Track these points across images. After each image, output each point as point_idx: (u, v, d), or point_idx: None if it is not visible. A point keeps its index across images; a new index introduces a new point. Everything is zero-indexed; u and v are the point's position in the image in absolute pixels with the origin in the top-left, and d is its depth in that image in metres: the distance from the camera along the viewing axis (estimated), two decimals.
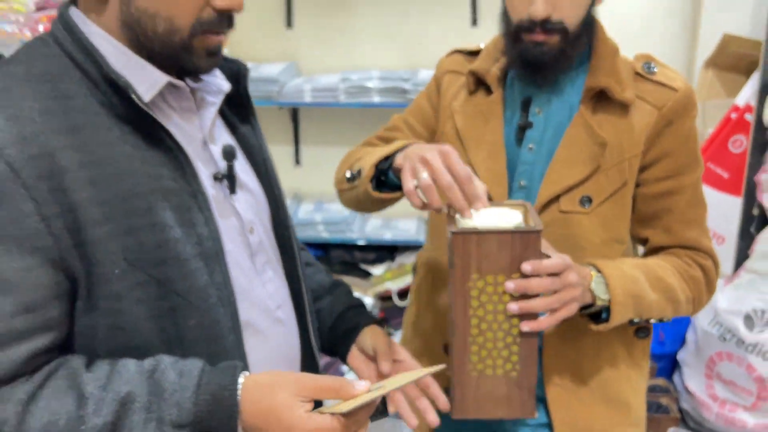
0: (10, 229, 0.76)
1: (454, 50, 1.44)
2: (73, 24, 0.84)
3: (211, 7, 0.84)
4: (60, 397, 0.78)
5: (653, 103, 1.24)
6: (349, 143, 3.16)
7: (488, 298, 1.02)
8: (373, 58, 3.20)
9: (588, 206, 1.24)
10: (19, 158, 0.76)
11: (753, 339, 2.47)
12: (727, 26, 2.93)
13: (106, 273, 0.81)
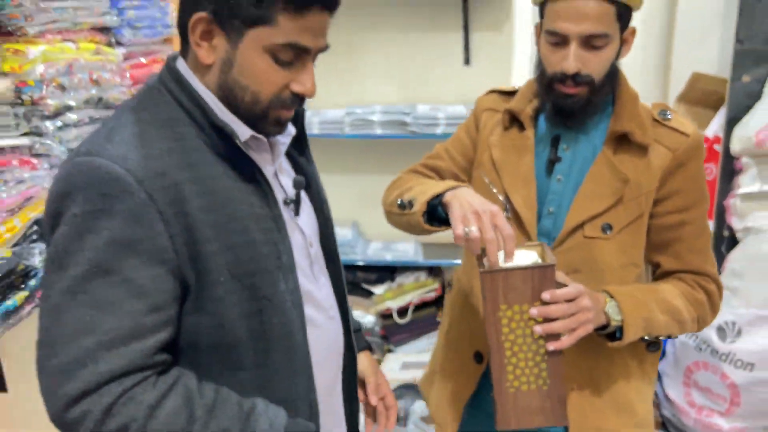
0: (147, 245, 0.89)
1: (491, 90, 1.56)
2: (183, 78, 0.98)
3: (289, 89, 0.98)
4: (177, 412, 0.90)
5: (668, 146, 1.36)
6: (353, 171, 3.38)
7: (516, 324, 1.15)
8: (376, 94, 3.31)
9: (609, 233, 1.35)
10: (154, 189, 0.89)
11: (726, 349, 2.59)
12: (696, 65, 3.09)
13: (213, 281, 0.95)
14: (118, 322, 0.87)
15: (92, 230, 0.87)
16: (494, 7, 3.20)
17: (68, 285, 0.87)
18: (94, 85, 1.25)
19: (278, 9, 0.90)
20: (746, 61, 2.75)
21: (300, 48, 0.94)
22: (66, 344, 0.86)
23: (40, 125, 1.10)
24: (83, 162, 0.88)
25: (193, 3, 0.93)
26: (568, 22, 1.25)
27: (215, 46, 0.94)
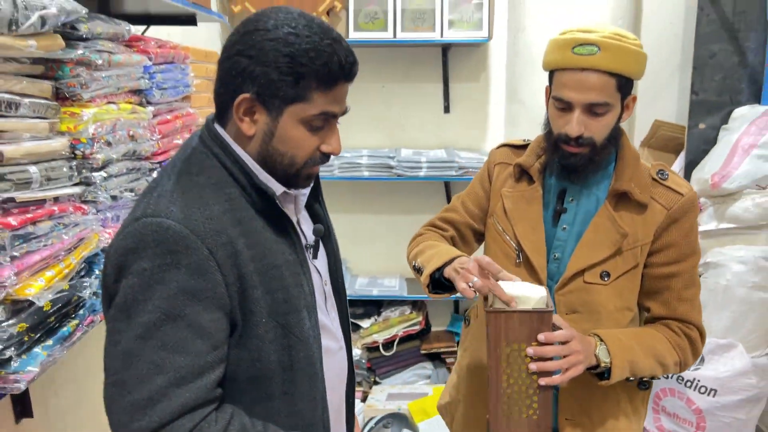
0: (209, 293, 0.99)
1: (502, 144, 1.67)
2: (227, 145, 1.08)
3: (319, 150, 1.10)
4: None
5: (663, 203, 1.45)
6: (342, 211, 3.55)
7: (514, 360, 1.26)
8: (363, 139, 3.48)
9: (607, 280, 1.45)
10: (214, 246, 1.00)
11: (690, 375, 2.74)
12: (658, 114, 3.33)
13: (256, 321, 1.05)
14: (186, 361, 0.97)
15: (161, 282, 0.96)
16: (471, 60, 3.43)
17: (140, 331, 0.96)
18: (131, 140, 1.41)
19: (312, 88, 1.03)
20: (701, 111, 2.99)
21: (330, 115, 1.08)
22: (140, 383, 0.95)
23: (89, 176, 1.26)
24: (152, 222, 0.98)
25: (238, 85, 1.03)
26: (573, 92, 1.36)
27: (256, 120, 1.06)
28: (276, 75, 1.02)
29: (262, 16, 1.05)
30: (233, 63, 1.04)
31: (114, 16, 1.47)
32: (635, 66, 1.39)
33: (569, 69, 1.37)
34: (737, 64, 2.97)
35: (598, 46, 1.34)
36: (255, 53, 1.02)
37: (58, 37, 1.17)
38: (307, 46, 1.01)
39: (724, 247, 2.78)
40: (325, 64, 1.02)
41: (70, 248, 1.19)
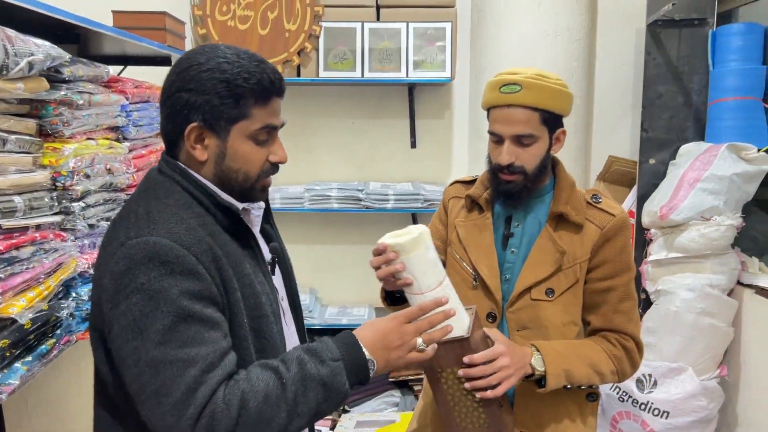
0: (206, 293, 1.08)
1: (454, 181, 1.81)
2: (187, 171, 1.17)
3: (268, 161, 1.20)
4: (263, 373, 1.09)
5: (597, 224, 1.58)
6: (312, 242, 3.66)
7: (453, 382, 1.38)
8: (333, 172, 3.59)
9: (552, 296, 1.57)
10: (198, 252, 1.08)
11: (644, 398, 2.86)
12: (612, 149, 3.50)
13: (240, 323, 1.14)
14: (209, 349, 1.05)
15: (161, 290, 1.04)
16: (436, 98, 3.60)
17: (158, 339, 1.03)
18: (108, 173, 1.53)
19: (251, 104, 1.14)
20: (651, 147, 3.18)
21: (271, 127, 1.18)
22: (174, 383, 1.02)
23: (68, 206, 1.36)
24: (138, 243, 1.06)
25: (184, 117, 1.13)
26: (502, 126, 1.53)
27: (207, 145, 1.15)
28: (217, 100, 1.12)
29: (193, 54, 1.16)
30: (176, 99, 1.14)
31: (93, 57, 1.60)
32: (556, 102, 1.54)
33: (498, 106, 1.54)
34: (682, 104, 3.17)
35: (521, 85, 1.51)
36: (194, 86, 1.12)
37: (43, 80, 1.29)
38: (239, 69, 1.13)
39: (673, 276, 2.92)
40: (259, 82, 1.14)
41: (50, 272, 1.29)
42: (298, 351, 1.14)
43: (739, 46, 2.94)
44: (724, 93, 2.97)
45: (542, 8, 3.15)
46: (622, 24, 3.53)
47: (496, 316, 1.61)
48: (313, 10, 3.29)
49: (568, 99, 1.58)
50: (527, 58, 3.23)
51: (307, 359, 1.12)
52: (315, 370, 1.10)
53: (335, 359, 1.12)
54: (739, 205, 2.86)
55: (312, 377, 1.10)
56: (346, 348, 1.14)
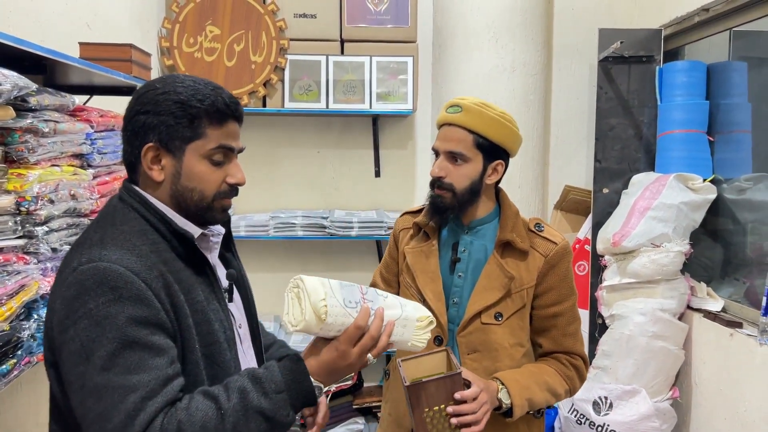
0: (153, 319, 1.09)
1: (404, 213, 1.88)
2: (145, 198, 1.19)
3: (225, 183, 1.23)
4: (203, 400, 1.10)
5: (541, 252, 1.68)
6: (277, 270, 3.69)
7: (437, 420, 1.42)
8: (298, 200, 3.65)
9: (500, 319, 1.64)
10: (149, 278, 1.10)
11: (601, 420, 2.93)
12: (568, 179, 3.63)
13: (191, 348, 1.16)
14: (151, 376, 1.06)
15: (108, 317, 1.05)
16: (400, 128, 3.70)
17: (102, 365, 1.04)
18: (72, 199, 1.56)
19: (205, 124, 1.18)
20: (604, 177, 3.32)
21: (227, 148, 1.21)
22: (115, 408, 1.03)
23: (32, 230, 1.40)
24: (88, 268, 1.08)
25: (141, 138, 1.17)
26: (440, 141, 1.65)
27: (163, 165, 1.18)
28: (172, 120, 1.17)
29: (151, 82, 1.23)
30: (134, 122, 1.19)
31: (60, 86, 1.65)
32: (491, 129, 1.62)
33: (442, 125, 1.68)
34: (633, 135, 3.32)
35: (462, 108, 1.63)
36: (150, 108, 1.17)
37: (9, 109, 1.34)
38: (194, 92, 1.18)
39: (627, 300, 3.02)
40: (213, 104, 1.19)
41: (12, 293, 1.32)
42: (243, 379, 1.15)
43: (683, 82, 3.11)
44: (672, 126, 3.13)
45: (499, 44, 3.29)
46: (575, 60, 3.68)
47: (443, 340, 1.68)
48: (279, 43, 3.38)
49: (508, 132, 1.65)
50: (486, 91, 3.35)
51: (250, 389, 1.13)
52: (257, 402, 1.12)
53: (279, 391, 1.14)
54: (687, 232, 2.99)
55: (254, 408, 1.12)
56: (293, 377, 1.16)
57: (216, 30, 3.36)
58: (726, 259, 3.12)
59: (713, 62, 3.14)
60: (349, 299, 1.21)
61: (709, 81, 3.11)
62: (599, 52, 3.28)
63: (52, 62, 1.65)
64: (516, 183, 3.43)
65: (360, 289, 1.27)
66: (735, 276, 3.02)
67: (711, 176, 3.04)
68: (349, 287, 1.25)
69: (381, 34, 3.45)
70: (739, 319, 2.73)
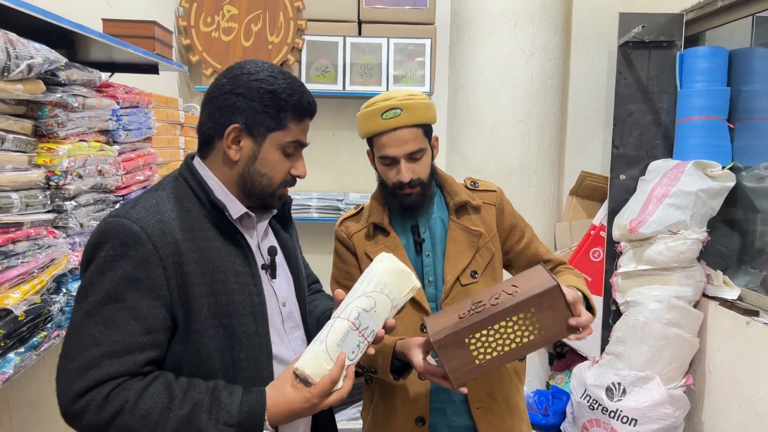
0: (147, 283, 1.13)
1: (342, 219, 1.85)
2: (195, 170, 1.26)
3: (290, 174, 1.30)
4: (159, 393, 1.12)
5: (489, 202, 1.79)
6: None
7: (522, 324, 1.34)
8: (313, 182, 3.64)
9: (476, 276, 1.72)
10: (159, 243, 1.15)
11: (614, 406, 2.94)
12: (584, 165, 3.62)
13: (196, 317, 1.18)
14: (119, 337, 1.11)
15: (111, 269, 1.12)
16: None
17: (87, 309, 1.12)
18: (99, 175, 1.57)
19: (289, 117, 1.26)
20: (622, 163, 3.29)
21: (300, 143, 1.29)
22: (78, 353, 1.10)
23: (61, 204, 1.41)
24: (112, 221, 1.16)
25: (228, 117, 1.24)
26: (394, 148, 1.62)
27: (242, 147, 1.25)
28: (261, 107, 1.24)
29: (244, 64, 1.28)
30: (224, 100, 1.24)
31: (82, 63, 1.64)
32: (429, 115, 1.68)
33: (384, 132, 1.63)
34: (652, 122, 3.29)
35: (401, 108, 1.62)
36: (243, 91, 1.24)
37: (40, 83, 1.34)
38: (285, 85, 1.25)
39: (642, 287, 3.02)
40: (299, 100, 1.26)
41: (43, 267, 1.33)
42: (206, 394, 1.15)
43: (705, 68, 3.08)
44: (691, 112, 3.10)
45: (518, 27, 3.26)
46: (594, 45, 3.65)
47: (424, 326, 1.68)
48: (296, 24, 3.36)
49: (434, 110, 1.72)
50: (503, 75, 3.33)
51: (205, 407, 1.14)
52: (204, 424, 1.12)
53: (229, 424, 1.14)
54: (704, 219, 2.97)
55: (197, 428, 1.12)
56: (248, 417, 1.15)
57: (233, 9, 3.34)
58: (743, 247, 3.11)
59: (735, 48, 3.10)
60: (352, 348, 1.22)
61: (731, 67, 3.08)
62: (619, 37, 3.25)
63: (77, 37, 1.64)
64: (531, 168, 3.43)
65: (352, 326, 1.23)
66: (752, 265, 3.00)
67: (730, 164, 3.01)
68: (345, 336, 1.22)
69: (399, 15, 3.43)
70: (755, 308, 2.72)
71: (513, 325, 1.34)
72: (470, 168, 3.40)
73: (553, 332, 1.36)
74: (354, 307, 1.25)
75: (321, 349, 1.20)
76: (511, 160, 3.39)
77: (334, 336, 1.21)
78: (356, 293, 1.28)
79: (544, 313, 1.34)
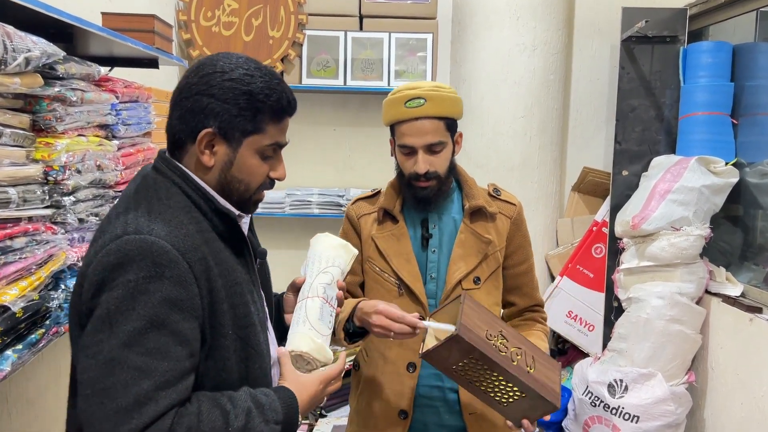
0: (188, 304, 1.06)
1: (357, 198, 1.86)
2: (188, 175, 1.16)
3: (268, 177, 1.22)
4: (213, 411, 1.08)
5: (506, 214, 1.77)
6: (293, 247, 3.68)
7: (475, 370, 1.41)
8: (314, 178, 3.63)
9: (479, 283, 1.71)
10: (193, 260, 1.08)
11: (615, 403, 2.93)
12: (586, 161, 3.59)
13: (223, 333, 1.13)
14: (170, 365, 1.02)
15: (145, 292, 1.02)
16: None
17: (124, 339, 1.00)
18: (98, 170, 1.55)
19: (266, 120, 1.17)
20: (624, 159, 3.27)
21: (279, 145, 1.22)
22: (124, 389, 0.99)
23: (59, 200, 1.39)
24: (136, 239, 1.04)
25: (200, 121, 1.14)
26: (413, 138, 1.62)
27: (216, 152, 1.15)
28: (236, 110, 1.14)
29: (217, 60, 1.18)
30: (195, 102, 1.14)
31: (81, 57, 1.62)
32: (455, 109, 1.67)
33: (406, 121, 1.63)
34: (654, 117, 3.27)
35: (425, 98, 1.61)
36: (216, 92, 1.13)
37: (38, 76, 1.32)
38: (262, 85, 1.16)
39: (644, 284, 3.00)
40: (278, 101, 1.18)
41: (41, 263, 1.31)
42: (249, 401, 1.13)
43: (708, 63, 3.06)
44: (694, 108, 3.08)
45: (521, 22, 3.24)
46: (597, 39, 3.63)
47: (423, 318, 1.66)
48: (297, 18, 3.34)
49: (461, 104, 1.71)
50: (505, 70, 3.31)
51: (255, 414, 1.12)
52: (259, 428, 1.11)
53: (277, 422, 1.14)
54: (707, 216, 2.96)
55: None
56: (287, 411, 1.16)
57: (234, 4, 3.32)
58: (746, 243, 3.10)
59: (739, 43, 3.08)
60: (328, 319, 1.34)
61: (735, 62, 3.06)
62: (622, 32, 3.23)
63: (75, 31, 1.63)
64: (533, 164, 3.41)
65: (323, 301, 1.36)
66: (755, 261, 2.99)
67: (734, 159, 3.00)
68: (321, 310, 1.34)
69: (401, 9, 3.41)
70: (758, 304, 2.70)
71: (503, 384, 1.43)
72: (472, 163, 3.37)
73: (514, 415, 1.49)
74: (318, 284, 1.37)
75: (307, 328, 1.29)
76: (513, 156, 3.37)
77: (313, 313, 1.31)
78: (314, 273, 1.40)
79: (526, 404, 1.45)
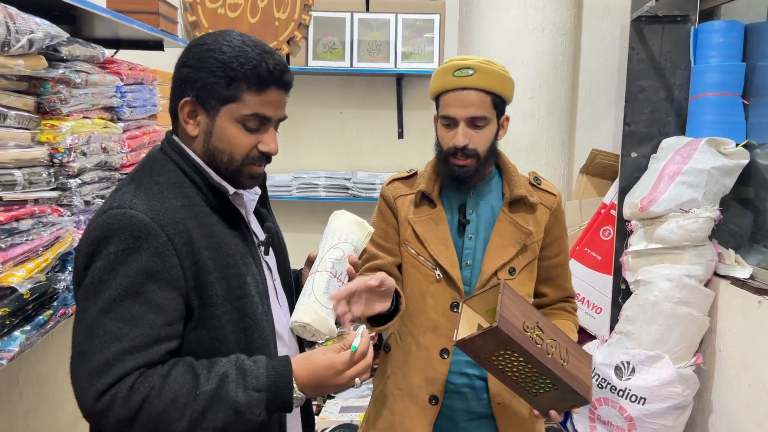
0: (165, 275, 1.10)
1: (393, 179, 1.80)
2: (184, 150, 1.21)
3: (257, 149, 1.21)
4: (183, 374, 1.10)
5: (546, 204, 1.72)
6: (299, 230, 3.68)
7: (507, 361, 1.40)
8: (321, 161, 3.64)
9: (514, 274, 1.67)
10: (173, 233, 1.11)
11: (622, 385, 2.93)
12: (595, 143, 3.57)
13: (212, 304, 1.16)
14: (140, 332, 1.08)
15: (124, 263, 1.08)
16: (424, 89, 3.61)
17: (101, 306, 1.07)
18: (103, 152, 1.55)
19: (243, 89, 1.17)
20: (633, 141, 3.24)
21: (262, 117, 1.19)
22: (98, 352, 1.06)
23: (65, 182, 1.40)
24: (118, 213, 1.10)
25: (180, 91, 1.19)
26: (457, 108, 1.57)
27: (199, 121, 1.19)
28: (211, 78, 1.16)
29: (206, 36, 1.22)
30: (178, 74, 1.20)
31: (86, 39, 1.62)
32: (504, 87, 1.62)
33: (451, 90, 1.59)
34: (664, 98, 3.24)
35: (474, 69, 1.57)
36: (194, 62, 1.18)
37: (42, 58, 1.32)
38: (238, 54, 1.16)
39: (652, 266, 2.99)
40: (254, 69, 1.16)
41: (48, 245, 1.32)
42: (229, 366, 1.14)
43: (720, 43, 3.01)
44: (705, 89, 3.04)
45: (529, 2, 3.20)
46: (606, 19, 3.58)
47: (459, 304, 1.66)
48: (303, 0, 3.32)
49: (512, 86, 1.66)
50: (514, 50, 3.28)
51: (231, 378, 1.12)
52: (233, 394, 1.11)
53: (258, 389, 1.13)
54: (717, 198, 2.93)
55: (227, 399, 1.11)
56: (276, 380, 1.14)
57: None
58: (755, 226, 3.07)
59: (751, 22, 3.03)
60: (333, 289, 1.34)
61: (746, 42, 3.01)
62: (632, 11, 3.19)
63: (80, 13, 1.62)
64: (542, 146, 3.39)
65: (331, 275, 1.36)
66: (764, 244, 2.96)
67: (744, 141, 2.96)
68: (327, 284, 1.34)
69: None
70: (767, 287, 2.69)
71: (536, 375, 1.42)
72: None
73: (543, 405, 1.49)
74: (327, 259, 1.38)
75: (312, 300, 1.30)
76: (521, 137, 3.35)
77: (319, 286, 1.32)
78: (326, 248, 1.41)
79: (557, 396, 1.44)
